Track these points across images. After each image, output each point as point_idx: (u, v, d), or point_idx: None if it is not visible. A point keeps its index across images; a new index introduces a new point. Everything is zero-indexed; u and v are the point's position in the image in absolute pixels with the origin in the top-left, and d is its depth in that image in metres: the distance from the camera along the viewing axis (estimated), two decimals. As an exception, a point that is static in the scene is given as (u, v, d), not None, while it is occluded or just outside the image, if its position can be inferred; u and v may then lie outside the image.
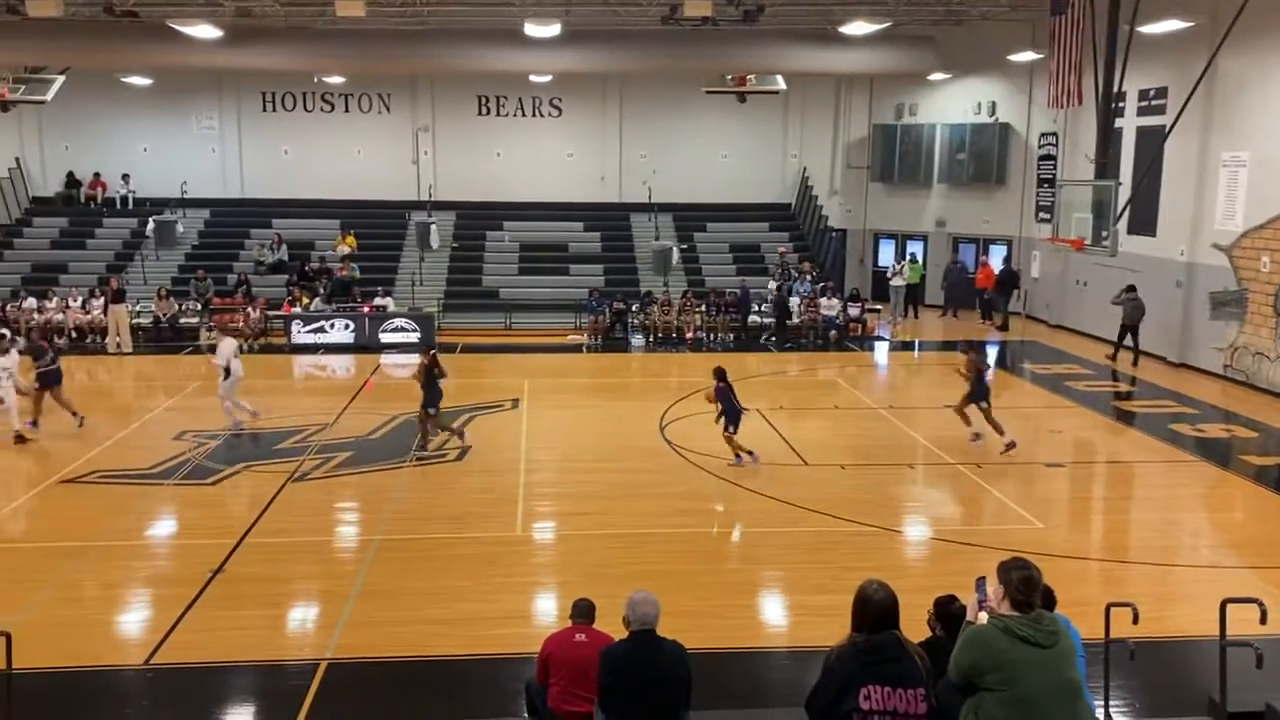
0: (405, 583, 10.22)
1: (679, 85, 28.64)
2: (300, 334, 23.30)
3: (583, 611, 6.39)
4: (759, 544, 11.67)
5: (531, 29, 19.37)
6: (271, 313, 24.18)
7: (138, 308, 24.02)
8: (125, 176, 29.10)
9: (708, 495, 13.18)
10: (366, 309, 24.02)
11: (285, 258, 27.02)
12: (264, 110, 29.76)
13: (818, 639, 8.87)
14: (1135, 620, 6.79)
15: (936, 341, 25.26)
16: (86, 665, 8.49)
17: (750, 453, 14.19)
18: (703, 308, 25.07)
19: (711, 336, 24.69)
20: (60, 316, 23.48)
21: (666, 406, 17.50)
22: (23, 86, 23.00)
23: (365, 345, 23.24)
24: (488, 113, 30.17)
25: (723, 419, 14.01)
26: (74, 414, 15.81)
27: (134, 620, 9.62)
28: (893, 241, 30.25)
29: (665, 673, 5.38)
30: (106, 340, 22.71)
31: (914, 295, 28.17)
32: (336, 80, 28.02)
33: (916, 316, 27.97)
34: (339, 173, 29.55)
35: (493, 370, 21.44)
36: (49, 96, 23.37)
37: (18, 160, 29.28)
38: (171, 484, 13.35)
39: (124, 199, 29.11)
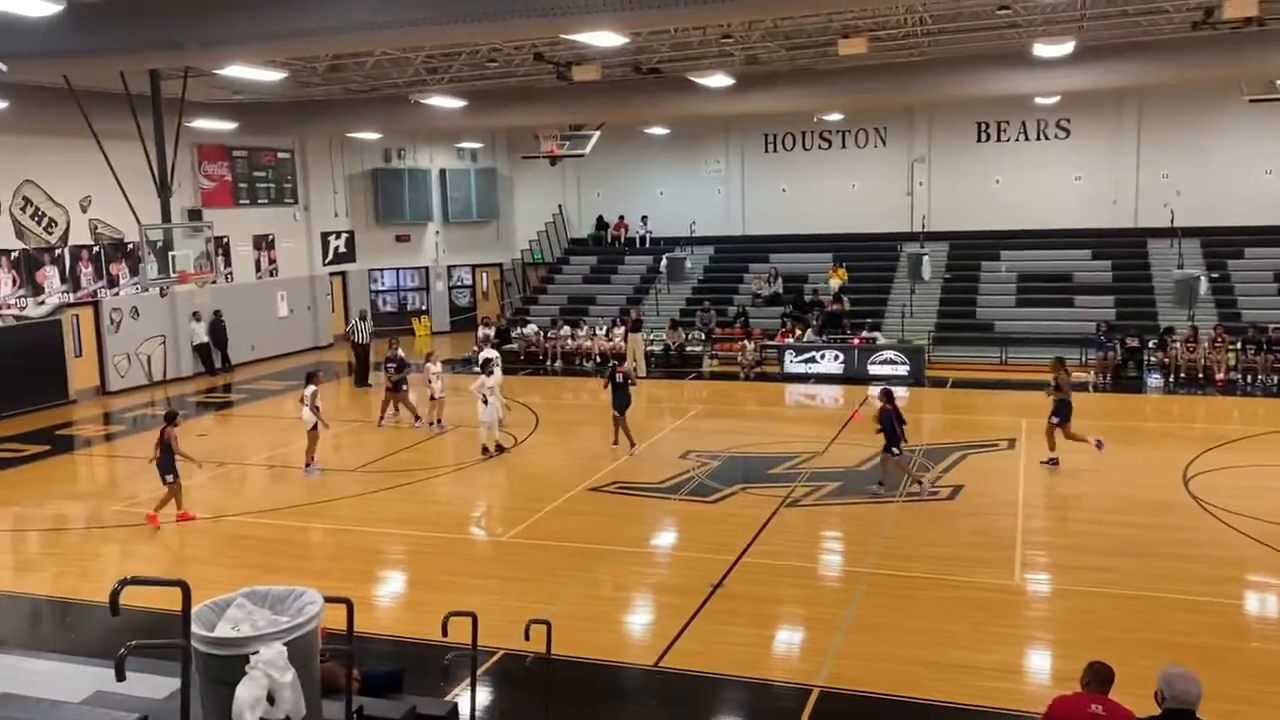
0: (895, 620, 10.04)
1: (1209, 95, 25.52)
2: (793, 364, 24.12)
3: (1102, 678, 5.77)
4: (1315, 626, 9.87)
5: (1042, 49, 18.32)
6: (766, 343, 25.33)
7: (651, 336, 26.41)
8: (644, 218, 32.25)
9: (1245, 560, 11.43)
10: (856, 340, 24.25)
11: (780, 290, 28.20)
12: (765, 151, 31.39)
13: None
14: None
15: None
16: (605, 659, 9.39)
17: (920, 481, 14.28)
18: (1238, 345, 21.94)
19: (1249, 379, 21.50)
20: (588, 343, 26.54)
21: (1191, 457, 15.54)
22: (567, 142, 26.46)
23: (854, 376, 23.45)
24: (987, 139, 29.14)
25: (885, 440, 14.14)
26: (414, 415, 19.39)
27: (642, 622, 10.50)
28: None
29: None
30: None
31: None
32: (835, 117, 28.76)
33: None
34: (833, 207, 30.26)
35: (986, 407, 20.52)
36: (588, 150, 26.64)
37: (560, 207, 33.77)
38: (678, 499, 14.42)
39: (642, 239, 32.28)
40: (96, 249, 23.77)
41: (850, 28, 19.00)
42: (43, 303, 22.46)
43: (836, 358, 23.97)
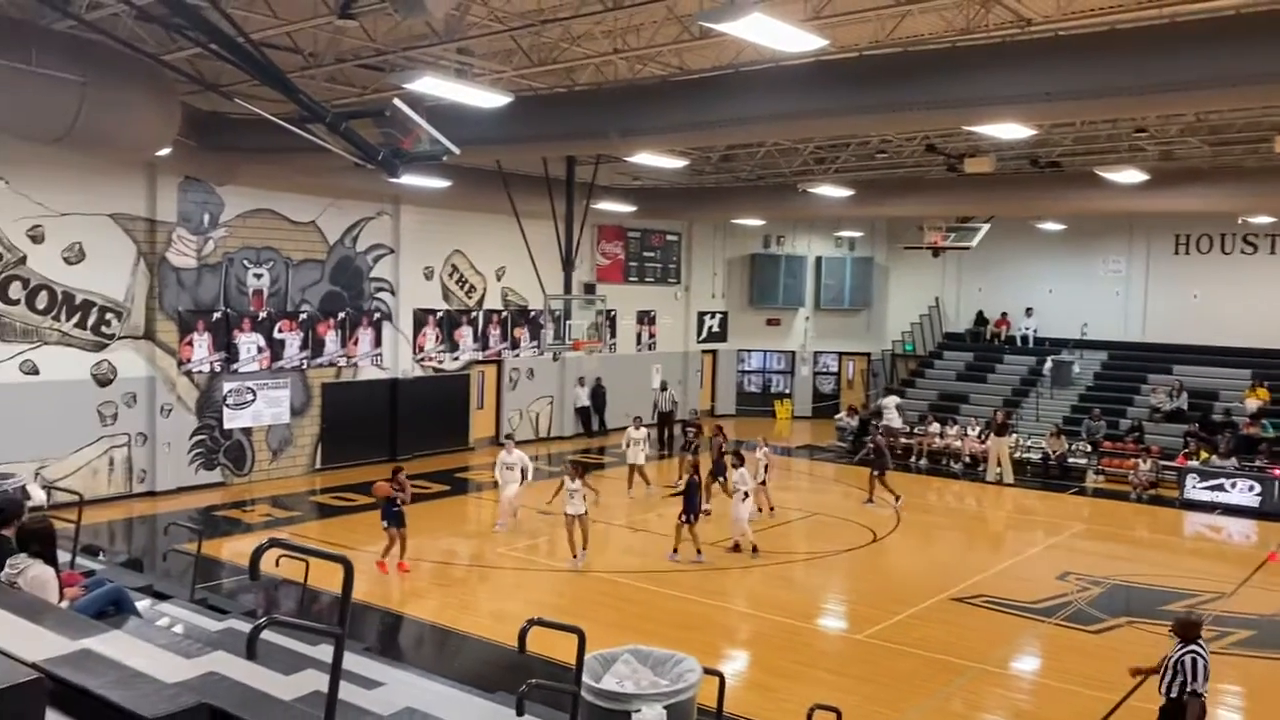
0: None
1: None
2: (1195, 490, 21.49)
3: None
4: None
5: None
6: (1164, 463, 22.81)
7: (1027, 442, 24.72)
8: (1029, 310, 30.39)
9: None
10: (1277, 471, 21.17)
11: (1184, 406, 25.37)
12: (1175, 253, 28.63)
13: None
14: None
15: None
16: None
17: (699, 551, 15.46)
18: None
19: None
20: (958, 443, 25.34)
21: None
22: (953, 235, 25.73)
23: (1271, 511, 20.44)
24: None
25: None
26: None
27: (1007, 753, 9.62)
28: None
29: None
30: (985, 469, 23.80)
31: None
32: (1263, 220, 25.69)
33: None
34: (1255, 319, 26.86)
35: None
36: (974, 244, 25.72)
37: (937, 300, 32.82)
38: (1052, 623, 13.20)
39: (1024, 338, 30.48)
40: (504, 314, 26.40)
41: (1291, 122, 17.02)
42: (457, 358, 25.23)
43: (1251, 488, 21.03)
